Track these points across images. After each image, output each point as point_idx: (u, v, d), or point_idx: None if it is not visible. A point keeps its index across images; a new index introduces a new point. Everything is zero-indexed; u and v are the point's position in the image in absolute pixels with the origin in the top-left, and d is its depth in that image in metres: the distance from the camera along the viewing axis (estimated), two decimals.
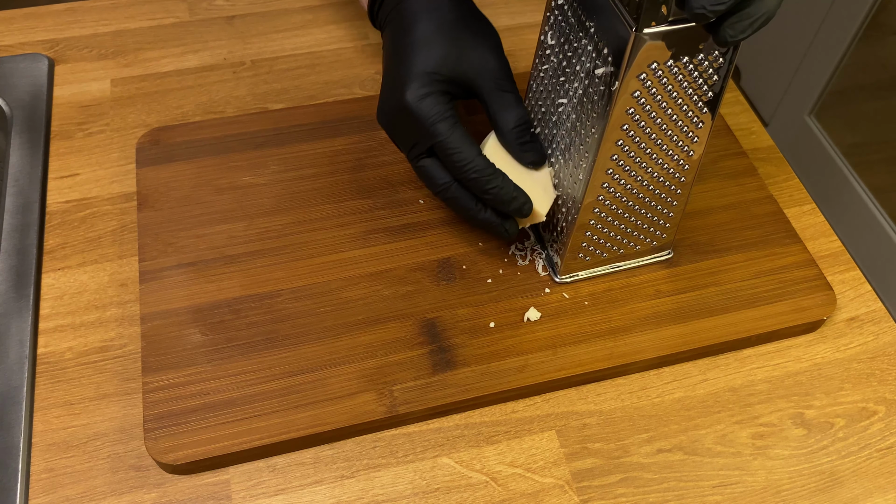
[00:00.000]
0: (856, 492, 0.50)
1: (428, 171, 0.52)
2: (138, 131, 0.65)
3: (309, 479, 0.49)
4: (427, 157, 0.51)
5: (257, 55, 0.71)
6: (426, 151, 0.51)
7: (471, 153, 0.49)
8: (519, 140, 0.51)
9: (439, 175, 0.51)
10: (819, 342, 0.56)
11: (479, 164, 0.49)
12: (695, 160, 0.50)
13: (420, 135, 0.50)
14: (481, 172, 0.49)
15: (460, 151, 0.49)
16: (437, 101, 0.50)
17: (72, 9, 0.73)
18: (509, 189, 0.50)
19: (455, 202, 0.52)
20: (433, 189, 0.52)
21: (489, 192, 0.50)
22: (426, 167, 0.52)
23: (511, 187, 0.50)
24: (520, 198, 0.51)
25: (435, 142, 0.50)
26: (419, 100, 0.49)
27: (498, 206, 0.51)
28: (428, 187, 0.53)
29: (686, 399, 0.53)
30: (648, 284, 0.56)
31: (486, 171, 0.49)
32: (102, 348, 0.53)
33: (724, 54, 0.44)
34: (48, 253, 0.57)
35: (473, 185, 0.50)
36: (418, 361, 0.52)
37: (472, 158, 0.49)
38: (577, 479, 0.49)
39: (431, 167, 0.51)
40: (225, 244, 0.56)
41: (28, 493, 0.47)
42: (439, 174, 0.51)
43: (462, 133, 0.50)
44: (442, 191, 0.52)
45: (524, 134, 0.51)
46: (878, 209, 1.35)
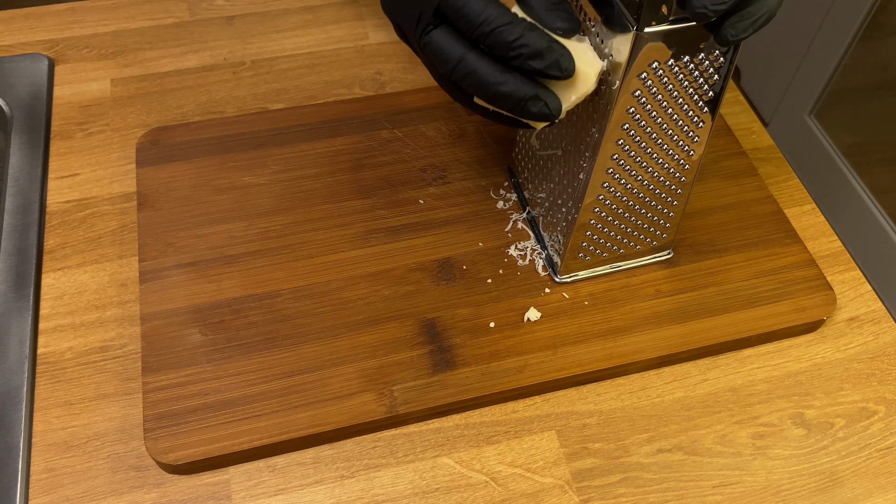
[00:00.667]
0: (856, 492, 0.50)
1: (437, 46, 0.42)
2: (138, 131, 0.65)
3: (309, 479, 0.49)
4: (435, 29, 0.42)
5: (257, 55, 0.71)
6: (434, 20, 0.42)
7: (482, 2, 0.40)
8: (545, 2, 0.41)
9: (451, 46, 0.41)
10: (819, 342, 0.56)
11: (495, 13, 0.40)
12: (695, 160, 0.50)
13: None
14: (498, 21, 0.39)
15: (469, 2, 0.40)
16: None
17: (72, 9, 0.73)
18: (539, 36, 0.40)
19: (474, 77, 0.41)
20: (447, 67, 0.42)
21: (514, 47, 0.40)
22: (434, 40, 0.42)
23: (540, 34, 0.40)
24: (554, 48, 0.40)
25: None
26: None
27: (530, 64, 0.40)
28: (441, 71, 0.43)
29: (686, 399, 0.53)
30: (648, 284, 0.56)
31: (502, 18, 0.40)
32: (102, 348, 0.53)
33: (725, 54, 0.44)
34: (48, 253, 0.57)
35: (494, 44, 0.40)
36: (418, 361, 0.52)
37: (483, 7, 0.40)
38: (577, 479, 0.49)
39: (441, 39, 0.41)
40: (225, 244, 0.56)
41: (28, 493, 0.47)
42: (451, 46, 0.41)
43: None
44: (457, 65, 0.41)
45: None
46: (878, 209, 1.35)
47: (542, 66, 0.40)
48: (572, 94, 0.42)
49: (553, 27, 0.41)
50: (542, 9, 0.41)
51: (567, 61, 0.40)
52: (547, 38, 0.40)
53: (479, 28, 0.40)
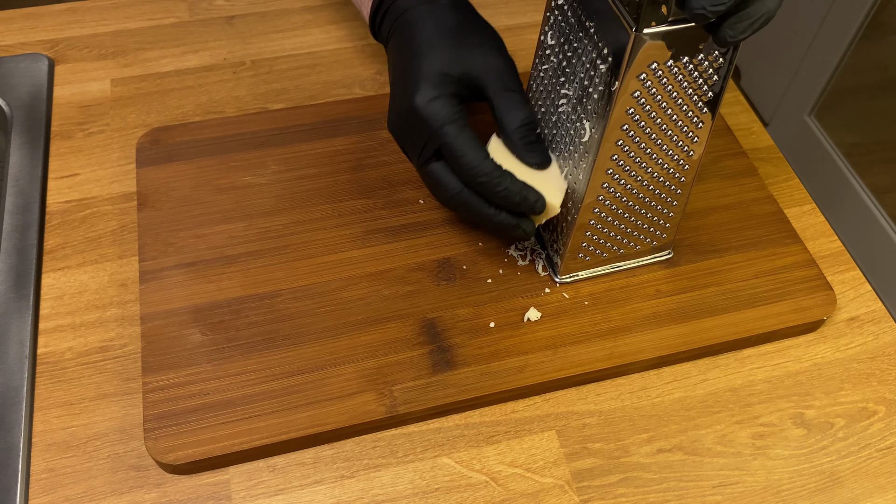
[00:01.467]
0: (856, 492, 0.50)
1: (437, 176, 0.51)
2: (138, 131, 0.65)
3: (309, 479, 0.49)
4: (436, 162, 0.51)
5: (257, 55, 0.71)
6: (434, 155, 0.50)
7: (478, 157, 0.49)
8: (523, 140, 0.50)
9: (449, 181, 0.51)
10: (819, 342, 0.56)
11: (487, 168, 0.49)
12: (695, 160, 0.50)
13: (429, 137, 0.50)
14: (489, 176, 0.49)
15: (467, 155, 0.49)
16: (446, 103, 0.49)
17: (72, 9, 0.73)
18: (518, 190, 0.49)
19: (468, 207, 0.51)
20: (444, 196, 0.52)
21: (499, 195, 0.49)
22: (435, 171, 0.51)
23: (519, 187, 0.49)
24: (530, 196, 0.50)
25: (442, 143, 0.49)
26: (428, 102, 0.49)
27: (510, 208, 0.50)
28: (437, 195, 0.52)
29: (686, 399, 0.53)
30: (648, 284, 0.56)
31: (493, 174, 0.49)
32: (102, 348, 0.53)
33: (724, 54, 0.44)
34: (48, 253, 0.57)
35: (482, 189, 0.49)
36: (418, 361, 0.52)
37: (479, 162, 0.49)
38: (577, 479, 0.49)
39: (441, 172, 0.51)
40: (225, 244, 0.56)
41: (28, 493, 0.47)
42: (449, 180, 0.51)
43: (470, 136, 0.49)
44: (454, 196, 0.51)
45: (529, 134, 0.51)
46: (878, 209, 1.35)
47: (522, 210, 0.50)
48: (543, 219, 0.52)
49: (528, 163, 0.51)
50: (521, 145, 0.50)
51: (540, 205, 0.50)
52: (521, 189, 0.49)
53: (473, 177, 0.49)
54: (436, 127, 0.49)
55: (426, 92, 0.49)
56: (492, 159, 0.49)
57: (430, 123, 0.49)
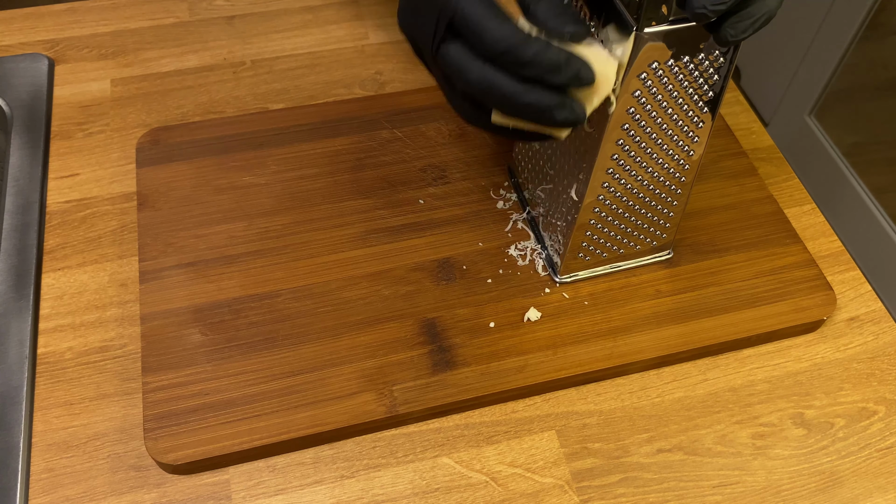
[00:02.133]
0: (856, 492, 0.50)
1: (454, 59, 0.41)
2: (138, 131, 0.65)
3: (309, 479, 0.49)
4: (451, 41, 0.41)
5: (257, 55, 0.71)
6: (448, 35, 0.41)
7: (496, 21, 0.39)
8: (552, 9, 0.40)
9: (468, 62, 0.40)
10: (819, 342, 0.56)
11: (508, 31, 0.39)
12: (695, 160, 0.50)
13: (441, 10, 0.40)
14: (513, 39, 0.38)
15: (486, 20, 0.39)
16: None
17: (72, 9, 0.73)
18: (556, 53, 0.39)
19: (496, 89, 0.40)
20: (465, 82, 0.41)
21: (529, 64, 0.39)
22: (450, 52, 0.41)
23: (554, 49, 0.39)
24: (572, 61, 0.39)
25: (455, 13, 0.40)
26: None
27: (548, 79, 0.39)
28: (458, 85, 0.42)
29: (686, 399, 0.53)
30: (648, 284, 0.56)
31: (518, 36, 0.38)
32: (102, 348, 0.53)
33: (725, 54, 0.44)
34: (48, 253, 0.57)
35: (511, 61, 0.39)
36: (418, 361, 0.52)
37: (498, 26, 0.39)
38: (577, 479, 0.49)
39: (457, 53, 0.40)
40: (225, 244, 0.56)
41: (28, 493, 0.47)
42: (468, 60, 0.40)
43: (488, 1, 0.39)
44: (476, 80, 0.40)
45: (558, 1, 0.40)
46: (878, 209, 1.35)
47: (563, 80, 0.39)
48: (595, 97, 0.41)
49: (562, 32, 0.39)
50: (549, 16, 0.40)
51: (586, 71, 0.39)
52: (562, 52, 0.39)
53: (494, 46, 0.39)
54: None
55: None
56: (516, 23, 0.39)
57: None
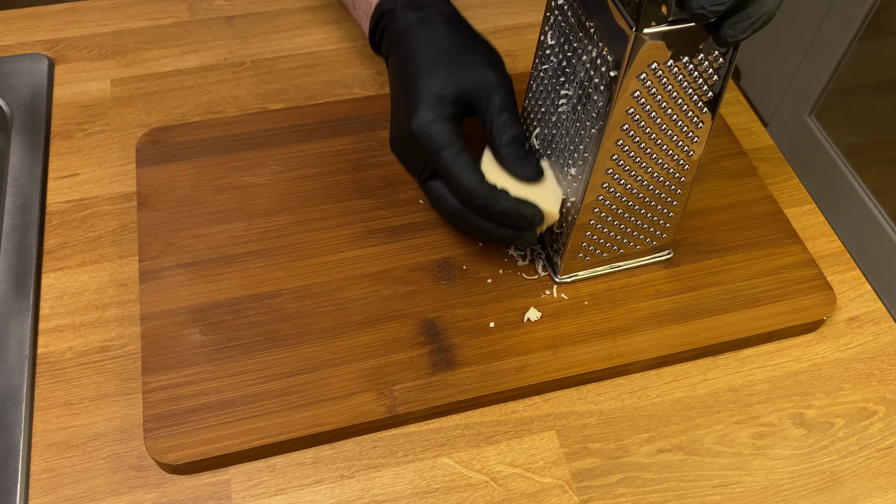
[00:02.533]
0: (856, 492, 0.50)
1: (437, 194, 0.52)
2: (138, 131, 0.65)
3: (309, 479, 0.49)
4: (435, 180, 0.52)
5: (257, 55, 0.71)
6: (433, 175, 0.52)
7: (473, 181, 0.49)
8: (512, 157, 0.51)
9: (448, 199, 0.52)
10: (819, 342, 0.56)
11: (482, 191, 0.49)
12: (695, 160, 0.50)
13: (426, 159, 0.51)
14: (485, 199, 0.49)
15: (462, 179, 0.49)
16: (442, 127, 0.50)
17: (72, 9, 0.73)
18: (515, 208, 0.50)
19: (467, 224, 0.52)
20: (444, 213, 0.53)
21: (497, 215, 0.50)
22: (435, 189, 0.52)
23: (515, 206, 0.50)
24: (527, 213, 0.50)
25: (438, 167, 0.50)
26: (425, 126, 0.50)
27: (510, 224, 0.51)
28: (438, 211, 0.54)
29: (686, 399, 0.53)
30: (648, 284, 0.56)
31: (489, 196, 0.49)
32: (102, 348, 0.53)
33: (724, 54, 0.44)
34: (48, 253, 0.57)
35: (480, 211, 0.50)
36: (418, 361, 0.52)
37: (474, 186, 0.49)
38: (577, 479, 0.49)
39: (440, 190, 0.52)
40: (225, 244, 0.56)
41: (28, 493, 0.47)
42: (448, 198, 0.52)
43: (465, 160, 0.50)
44: (453, 214, 0.52)
45: (517, 150, 0.51)
46: (878, 209, 1.35)
47: (518, 225, 0.51)
48: (543, 227, 0.52)
49: (520, 178, 0.51)
50: (510, 161, 0.51)
51: (538, 219, 0.51)
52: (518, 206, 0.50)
53: (470, 200, 0.50)
54: (432, 151, 0.50)
55: (422, 116, 0.50)
56: (486, 182, 0.50)
57: (426, 147, 0.50)
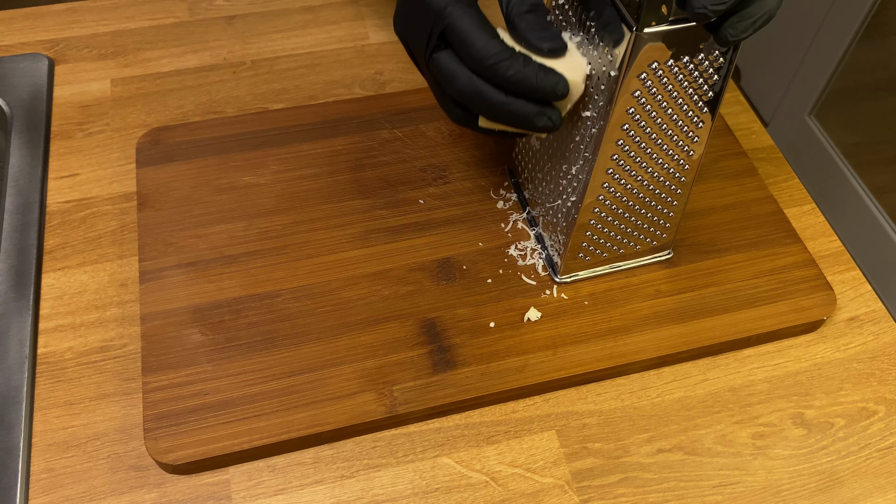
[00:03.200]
0: (856, 492, 0.50)
1: (445, 66, 0.45)
2: (138, 131, 0.65)
3: (309, 479, 0.49)
4: (442, 50, 0.45)
5: (257, 55, 0.71)
6: (440, 43, 0.45)
7: (484, 37, 0.43)
8: (533, 27, 0.45)
9: (457, 70, 0.45)
10: (819, 342, 0.56)
11: (493, 49, 0.43)
12: (695, 160, 0.50)
13: (433, 22, 0.45)
14: (497, 57, 0.43)
15: (472, 35, 0.43)
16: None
17: (72, 9, 0.73)
18: (534, 71, 0.44)
19: (482, 98, 0.45)
20: (454, 89, 0.46)
21: (512, 80, 0.44)
22: (442, 60, 0.45)
23: (535, 68, 0.44)
24: (549, 78, 0.44)
25: (446, 26, 0.44)
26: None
27: (528, 93, 0.44)
28: (448, 91, 0.46)
29: (686, 399, 0.53)
30: (648, 284, 0.56)
31: (502, 54, 0.43)
32: (102, 348, 0.53)
33: (725, 54, 0.44)
34: (48, 253, 0.57)
35: (492, 74, 0.44)
36: (418, 361, 0.52)
37: (485, 43, 0.43)
38: (577, 479, 0.49)
39: (448, 61, 0.45)
40: (225, 244, 0.56)
41: (28, 493, 0.47)
42: (458, 69, 0.45)
43: (476, 15, 0.44)
44: (463, 88, 0.45)
45: (539, 18, 0.45)
46: (878, 209, 1.35)
47: (541, 95, 0.44)
48: (568, 104, 0.46)
49: (541, 48, 0.44)
50: (529, 34, 0.44)
51: (561, 87, 0.44)
52: (537, 70, 0.43)
53: (480, 61, 0.43)
54: (440, 7, 0.44)
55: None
56: (501, 40, 0.44)
57: (432, 5, 0.44)
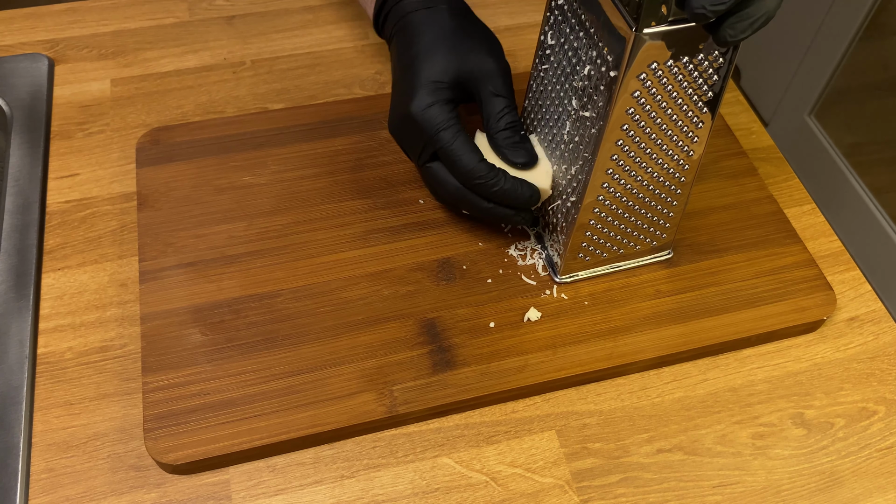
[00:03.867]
0: (856, 492, 0.50)
1: (436, 176, 0.54)
2: (138, 131, 0.65)
3: (309, 479, 0.49)
4: (434, 162, 0.54)
5: (257, 55, 0.71)
6: (432, 156, 0.53)
7: (472, 160, 0.51)
8: (507, 142, 0.53)
9: (447, 179, 0.53)
10: (819, 342, 0.56)
11: (482, 170, 0.51)
12: (695, 160, 0.50)
13: (426, 142, 0.52)
14: (485, 178, 0.51)
15: (462, 158, 0.51)
16: (440, 109, 0.52)
17: (72, 9, 0.73)
18: (513, 186, 0.52)
19: (466, 204, 0.54)
20: (443, 194, 0.54)
21: (495, 194, 0.52)
22: (434, 171, 0.54)
23: (513, 184, 0.52)
24: (524, 191, 0.52)
25: (438, 148, 0.52)
26: (424, 109, 0.52)
27: (507, 203, 0.53)
28: (436, 194, 0.55)
29: (686, 399, 0.53)
30: (648, 284, 0.56)
31: (488, 175, 0.51)
32: (102, 348, 0.53)
33: (724, 54, 0.44)
34: (48, 253, 0.57)
35: (478, 189, 0.52)
36: (418, 361, 0.52)
37: (473, 165, 0.51)
38: (577, 479, 0.49)
39: (439, 171, 0.54)
40: (225, 244, 0.56)
41: (28, 493, 0.47)
42: (447, 178, 0.53)
43: (464, 140, 0.51)
44: (453, 194, 0.53)
45: (512, 136, 0.53)
46: (878, 209, 1.35)
47: (515, 204, 0.52)
48: (538, 203, 0.54)
49: (513, 164, 0.52)
50: (505, 147, 0.52)
51: (535, 198, 0.52)
52: (516, 185, 0.51)
53: (469, 179, 0.51)
54: (431, 133, 0.52)
55: (422, 99, 0.52)
56: (485, 161, 0.52)
57: (425, 129, 0.52)
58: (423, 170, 0.55)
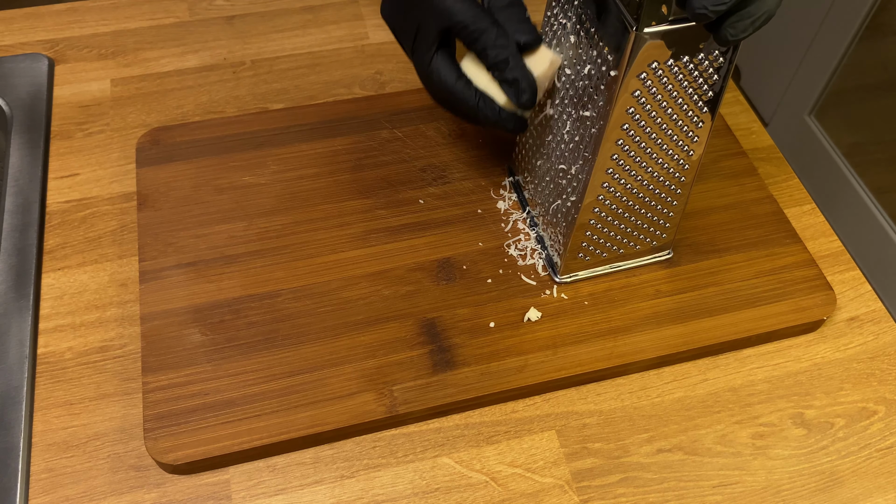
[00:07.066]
0: (856, 492, 0.50)
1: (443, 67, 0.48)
2: (138, 131, 0.65)
3: (309, 479, 0.49)
4: (441, 50, 0.48)
5: (257, 55, 0.71)
6: (438, 42, 0.48)
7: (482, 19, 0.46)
8: (511, 19, 0.48)
9: (454, 70, 0.48)
10: (819, 342, 0.56)
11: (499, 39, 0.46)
12: (695, 160, 0.50)
13: (433, 16, 0.46)
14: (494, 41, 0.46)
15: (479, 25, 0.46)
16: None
17: (72, 9, 0.73)
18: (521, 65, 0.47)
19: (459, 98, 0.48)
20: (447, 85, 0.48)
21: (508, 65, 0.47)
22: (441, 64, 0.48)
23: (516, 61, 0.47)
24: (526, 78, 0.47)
25: (453, 22, 0.46)
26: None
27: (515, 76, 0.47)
28: (440, 90, 0.49)
29: (686, 399, 0.53)
30: (648, 284, 0.56)
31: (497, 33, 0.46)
32: (102, 348, 0.53)
33: (725, 54, 0.44)
34: (48, 253, 0.57)
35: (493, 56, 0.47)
36: (418, 361, 0.52)
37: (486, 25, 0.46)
38: (577, 479, 0.49)
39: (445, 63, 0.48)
40: (225, 244, 0.56)
41: (28, 493, 0.47)
42: (453, 70, 0.48)
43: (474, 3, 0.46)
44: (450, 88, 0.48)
45: (518, 12, 0.48)
46: (878, 209, 1.35)
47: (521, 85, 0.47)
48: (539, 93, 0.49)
49: (517, 41, 0.47)
50: (508, 26, 0.47)
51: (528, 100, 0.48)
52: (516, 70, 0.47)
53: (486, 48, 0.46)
54: None
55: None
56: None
57: None
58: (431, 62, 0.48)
